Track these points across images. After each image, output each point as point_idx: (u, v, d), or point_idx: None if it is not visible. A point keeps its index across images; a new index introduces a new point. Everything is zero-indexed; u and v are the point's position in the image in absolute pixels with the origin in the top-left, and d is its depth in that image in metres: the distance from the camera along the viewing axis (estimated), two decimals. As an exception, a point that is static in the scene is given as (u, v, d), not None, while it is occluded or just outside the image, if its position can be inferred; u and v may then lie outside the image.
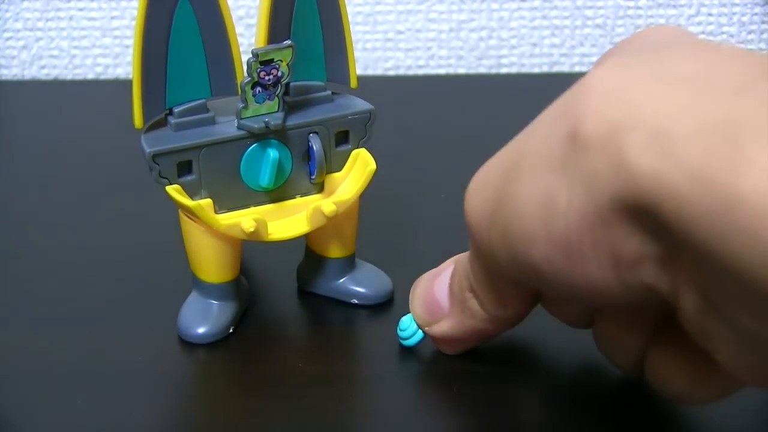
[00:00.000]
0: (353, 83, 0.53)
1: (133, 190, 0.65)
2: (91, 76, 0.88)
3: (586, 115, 0.35)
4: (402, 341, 0.51)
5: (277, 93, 0.50)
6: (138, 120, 0.49)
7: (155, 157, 0.49)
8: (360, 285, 0.55)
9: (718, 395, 0.42)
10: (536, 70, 0.87)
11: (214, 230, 0.50)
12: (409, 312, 0.51)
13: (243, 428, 0.47)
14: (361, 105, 0.53)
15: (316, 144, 0.51)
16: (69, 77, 0.88)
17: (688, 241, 0.32)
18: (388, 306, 0.55)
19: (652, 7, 0.87)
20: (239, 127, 0.50)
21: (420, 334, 0.50)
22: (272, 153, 0.51)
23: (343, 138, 0.53)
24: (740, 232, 0.31)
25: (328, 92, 0.53)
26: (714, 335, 0.36)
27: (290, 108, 0.51)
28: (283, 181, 0.52)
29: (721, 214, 0.31)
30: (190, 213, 0.50)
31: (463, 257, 0.47)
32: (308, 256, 0.56)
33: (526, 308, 0.46)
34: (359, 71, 0.53)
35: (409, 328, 0.50)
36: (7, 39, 0.87)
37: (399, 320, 0.51)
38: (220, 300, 0.52)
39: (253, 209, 0.52)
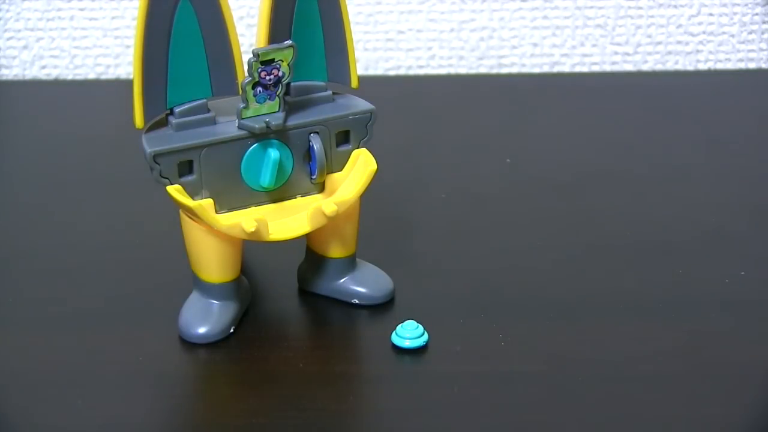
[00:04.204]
0: (354, 83, 0.53)
1: (133, 190, 0.65)
2: (91, 76, 0.88)
3: None
4: (399, 345, 0.51)
5: (278, 93, 0.50)
6: (138, 120, 0.49)
7: (156, 157, 0.49)
8: (360, 285, 0.55)
9: None
10: (537, 70, 0.87)
11: (215, 230, 0.50)
12: (410, 317, 0.51)
13: (243, 428, 0.47)
14: (362, 105, 0.53)
15: (316, 144, 0.51)
16: (70, 77, 0.87)
17: None
18: (388, 306, 0.55)
19: (652, 7, 0.87)
20: (240, 127, 0.50)
21: (420, 341, 0.51)
22: (273, 153, 0.51)
23: (343, 138, 0.53)
24: None
25: (329, 92, 0.53)
26: None
27: (291, 108, 0.51)
28: (284, 181, 0.52)
29: None
30: (191, 213, 0.50)
31: None
32: (309, 256, 0.56)
33: None
34: (360, 71, 0.53)
35: (411, 333, 0.51)
36: (8, 39, 0.87)
37: (398, 323, 0.51)
38: (220, 300, 0.52)
39: (253, 209, 0.52)
